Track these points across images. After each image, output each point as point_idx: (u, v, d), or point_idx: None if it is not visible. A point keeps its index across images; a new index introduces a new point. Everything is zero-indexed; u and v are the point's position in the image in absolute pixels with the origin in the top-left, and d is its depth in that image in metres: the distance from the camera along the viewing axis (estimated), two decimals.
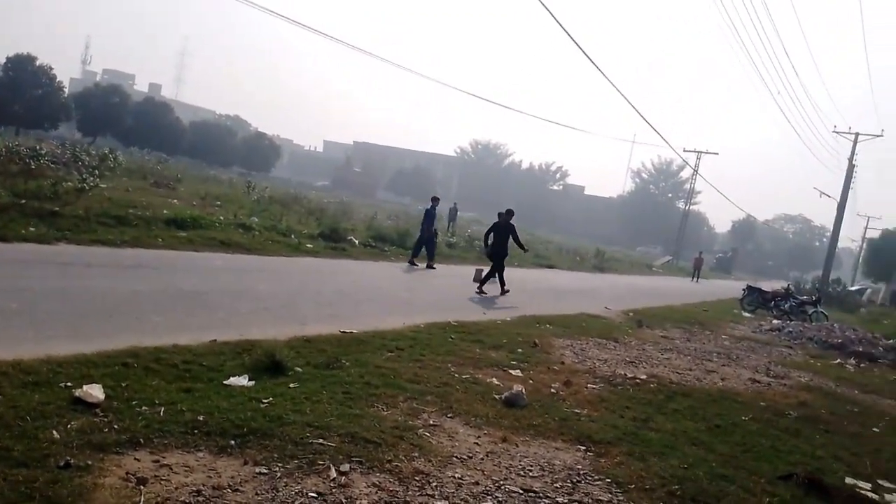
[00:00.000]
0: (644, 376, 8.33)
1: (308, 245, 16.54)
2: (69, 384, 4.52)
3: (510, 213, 15.52)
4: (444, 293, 13.70)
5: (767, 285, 32.24)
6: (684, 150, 63.44)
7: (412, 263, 17.51)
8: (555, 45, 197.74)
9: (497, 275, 14.84)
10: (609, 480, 4.65)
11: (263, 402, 4.86)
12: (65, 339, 5.63)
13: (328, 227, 19.36)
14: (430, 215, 17.69)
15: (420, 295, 12.77)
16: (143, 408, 4.39)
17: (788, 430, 6.89)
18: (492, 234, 15.20)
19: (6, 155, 17.56)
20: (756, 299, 23.92)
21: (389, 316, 9.43)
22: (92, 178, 16.65)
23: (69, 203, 13.46)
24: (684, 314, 17.55)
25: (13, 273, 8.14)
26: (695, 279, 41.37)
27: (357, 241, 19.04)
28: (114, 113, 54.55)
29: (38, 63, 47.24)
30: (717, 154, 66.69)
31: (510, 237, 15.12)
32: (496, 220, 19.05)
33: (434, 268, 17.43)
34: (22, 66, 46.61)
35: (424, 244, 17.80)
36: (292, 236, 17.01)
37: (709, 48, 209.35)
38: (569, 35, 17.60)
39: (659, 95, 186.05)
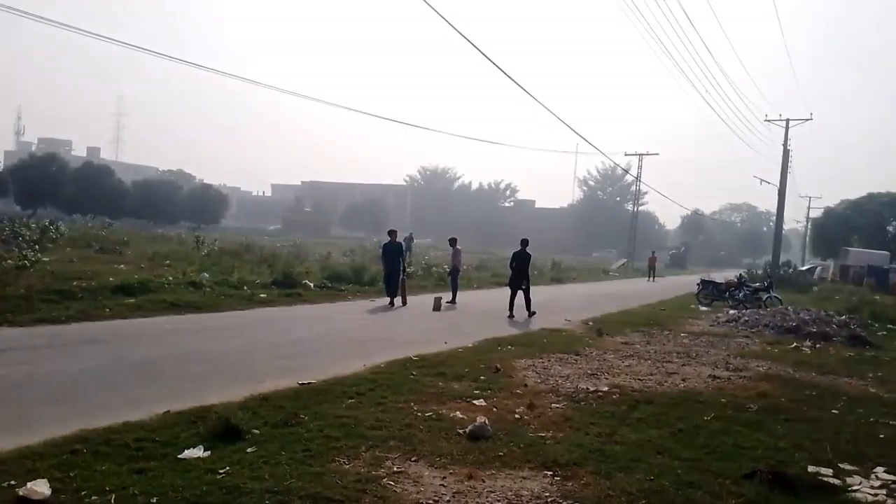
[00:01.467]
0: (606, 388, 8.39)
1: (262, 295, 16.32)
2: (13, 483, 4.34)
3: (525, 241, 16.97)
4: (405, 327, 13.63)
5: (721, 276, 32.97)
6: (625, 154, 65.05)
7: (391, 304, 16.96)
8: (489, 73, 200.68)
9: (525, 297, 16.48)
10: None
11: (220, 473, 4.74)
12: (8, 433, 5.41)
13: (281, 273, 19.14)
14: (387, 250, 17.49)
15: (379, 332, 12.67)
16: (93, 497, 4.24)
17: (750, 425, 7.01)
18: (514, 263, 16.76)
19: None
20: (711, 292, 24.41)
21: (349, 359, 9.33)
22: (33, 254, 16.23)
23: (9, 283, 13.04)
24: (643, 317, 17.79)
25: None
26: (651, 279, 42.01)
27: (312, 284, 18.87)
28: (52, 182, 53.58)
29: None
30: (657, 154, 68.40)
31: (527, 265, 16.73)
32: (450, 246, 19.18)
33: (392, 304, 17.08)
34: None
35: (387, 281, 17.52)
36: (245, 288, 16.77)
37: (633, 57, 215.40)
38: (496, 65, 17.92)
39: (595, 103, 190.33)
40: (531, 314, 16.17)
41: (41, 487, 4.25)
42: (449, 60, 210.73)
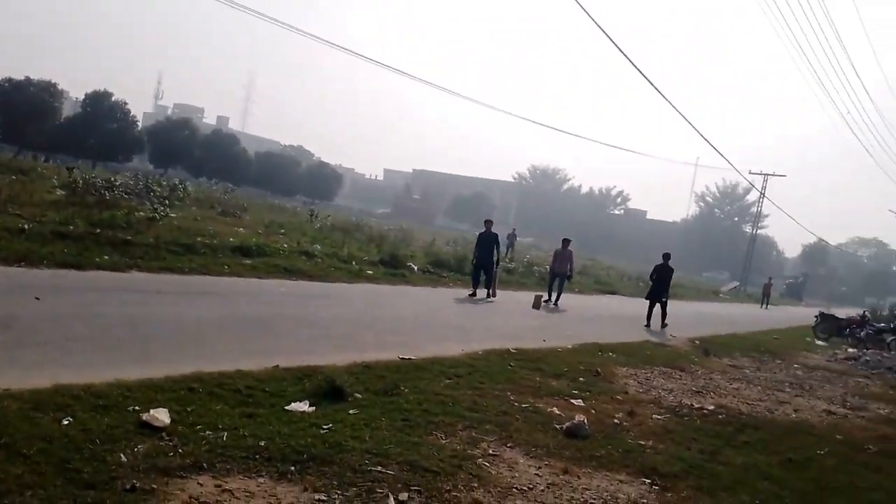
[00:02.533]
0: (712, 407, 8.05)
1: (368, 271, 16.70)
2: (137, 408, 4.64)
3: (667, 256, 17.28)
4: (503, 320, 13.58)
5: (842, 312, 30.88)
6: (750, 173, 61.92)
7: (473, 295, 16.52)
8: (613, 69, 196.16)
9: (662, 310, 16.75)
10: None
11: (323, 429, 4.89)
12: (134, 364, 5.80)
13: (388, 253, 19.50)
14: (481, 240, 17.03)
15: (478, 321, 12.70)
16: (207, 432, 4.47)
17: (868, 466, 6.53)
18: (654, 275, 17.09)
19: (83, 186, 18.39)
20: (830, 327, 22.94)
21: (448, 342, 9.40)
22: (162, 208, 17.30)
23: (141, 232, 13.96)
24: (753, 342, 16.94)
25: (87, 300, 8.46)
26: (764, 306, 39.98)
27: (416, 268, 19.11)
28: (184, 145, 56.70)
29: (113, 99, 49.69)
30: (784, 177, 64.48)
31: (668, 279, 17.03)
32: (559, 247, 18.83)
33: (493, 296, 16.94)
34: (99, 102, 49.06)
35: (477, 271, 17.15)
36: (353, 263, 17.20)
37: (770, 67, 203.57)
38: (627, 58, 17.49)
39: (721, 115, 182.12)
40: (664, 325, 16.52)
41: (162, 416, 4.53)
42: (566, 51, 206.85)
